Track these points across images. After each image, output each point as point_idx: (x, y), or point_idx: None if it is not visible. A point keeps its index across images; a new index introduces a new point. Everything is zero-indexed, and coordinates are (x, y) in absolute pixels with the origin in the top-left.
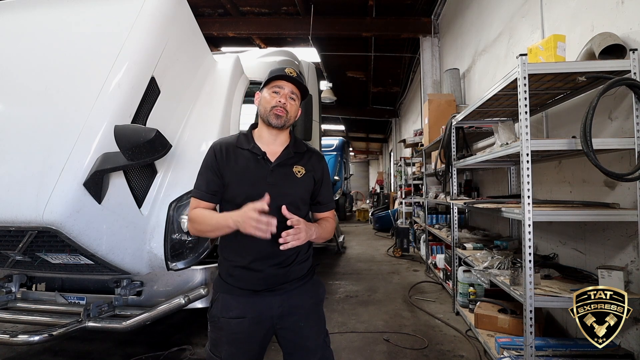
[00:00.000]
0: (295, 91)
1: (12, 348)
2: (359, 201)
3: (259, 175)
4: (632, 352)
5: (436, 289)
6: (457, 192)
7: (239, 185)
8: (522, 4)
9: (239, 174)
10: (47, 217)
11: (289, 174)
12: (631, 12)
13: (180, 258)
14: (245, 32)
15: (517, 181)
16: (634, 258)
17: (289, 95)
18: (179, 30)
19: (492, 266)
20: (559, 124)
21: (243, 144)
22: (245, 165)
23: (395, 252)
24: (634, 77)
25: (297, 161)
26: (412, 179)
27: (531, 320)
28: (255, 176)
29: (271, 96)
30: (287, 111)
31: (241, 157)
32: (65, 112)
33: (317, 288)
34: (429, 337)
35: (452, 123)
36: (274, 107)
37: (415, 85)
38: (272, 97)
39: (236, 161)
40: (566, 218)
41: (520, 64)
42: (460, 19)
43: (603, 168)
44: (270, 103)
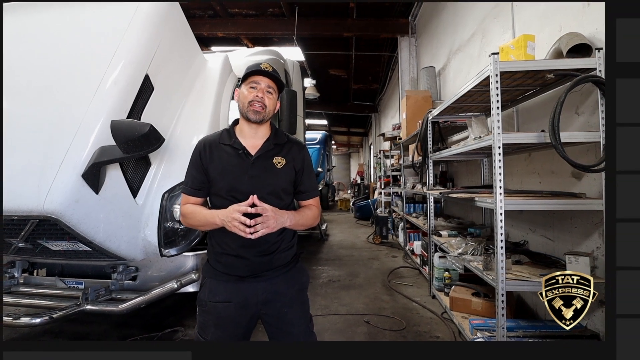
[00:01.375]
0: (272, 85)
1: (15, 329)
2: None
3: (241, 169)
4: (597, 333)
5: (413, 274)
6: (433, 182)
7: (222, 179)
8: (494, 6)
9: (222, 169)
10: (47, 207)
11: (269, 165)
12: (596, 13)
13: (173, 245)
14: (234, 32)
15: (490, 172)
16: (600, 245)
17: (266, 89)
18: (171, 30)
19: (466, 252)
20: (529, 119)
21: (225, 140)
22: (227, 161)
23: (375, 239)
24: (599, 74)
25: (277, 152)
26: (390, 170)
27: (503, 303)
28: (237, 170)
29: (249, 91)
30: (265, 105)
31: (224, 153)
32: (65, 108)
33: (301, 275)
34: (407, 319)
35: (429, 118)
36: (252, 102)
37: (393, 83)
38: (250, 92)
39: (219, 157)
40: (536, 207)
41: (493, 62)
42: (436, 20)
43: (570, 160)
44: (247, 98)
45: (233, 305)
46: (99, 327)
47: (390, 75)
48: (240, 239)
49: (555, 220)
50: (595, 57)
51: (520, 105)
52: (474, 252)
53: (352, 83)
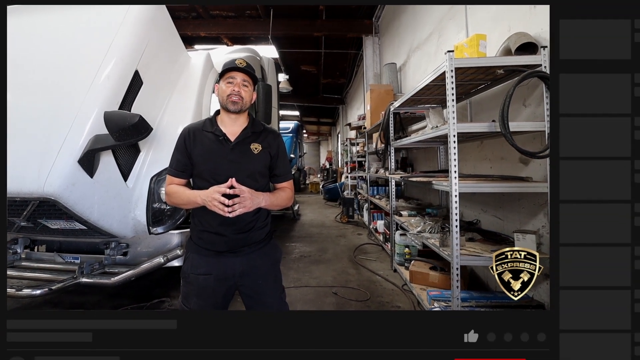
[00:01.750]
0: (246, 79)
1: (17, 300)
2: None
3: (221, 154)
4: (542, 303)
5: (377, 250)
6: (394, 167)
7: (204, 162)
8: (450, 8)
9: (204, 153)
10: (47, 189)
11: (247, 151)
12: (542, 15)
13: (160, 224)
14: (215, 32)
15: (446, 158)
16: (545, 224)
17: (242, 83)
18: (158, 30)
19: (424, 230)
20: (481, 110)
21: (208, 128)
22: (209, 146)
23: (342, 219)
24: (544, 70)
25: (254, 139)
26: (356, 156)
27: (457, 276)
28: (218, 155)
29: (227, 86)
30: (242, 97)
31: (206, 139)
32: (63, 100)
33: (275, 251)
34: (371, 291)
35: (390, 109)
36: (230, 95)
37: (359, 77)
38: (228, 87)
39: (202, 143)
40: (487, 189)
41: (448, 59)
42: (397, 21)
43: (518, 147)
44: (226, 92)
45: (213, 277)
46: (93, 298)
47: (356, 70)
48: (219, 218)
49: (504, 201)
50: (541, 54)
51: (473, 98)
52: (432, 230)
53: (321, 78)
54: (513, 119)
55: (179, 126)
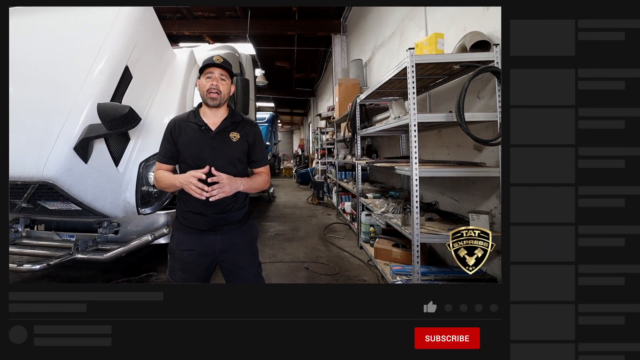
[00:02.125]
0: (224, 73)
1: (19, 274)
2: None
3: (203, 142)
4: (495, 277)
5: (345, 229)
6: (360, 154)
7: (188, 150)
8: (411, 10)
9: (188, 142)
10: (45, 174)
11: (226, 139)
12: (494, 16)
13: (148, 205)
14: (198, 31)
15: (407, 146)
16: (497, 205)
17: (220, 77)
18: (146, 29)
19: (387, 211)
20: (439, 102)
21: (191, 119)
22: (192, 135)
23: (313, 201)
24: (496, 65)
25: (233, 129)
26: (326, 144)
27: (417, 252)
28: (201, 143)
29: (206, 81)
30: (220, 91)
31: (190, 129)
32: (60, 93)
33: (252, 230)
34: (339, 266)
35: (357, 101)
36: (209, 89)
37: (328, 72)
38: (207, 82)
39: (186, 132)
40: (444, 174)
41: (409, 56)
42: (363, 21)
43: (473, 136)
44: (205, 87)
45: (196, 253)
46: (87, 272)
47: (326, 66)
48: (201, 200)
49: (460, 184)
50: (493, 51)
51: (432, 91)
52: (394, 211)
53: (294, 72)
54: (468, 110)
55: (165, 117)
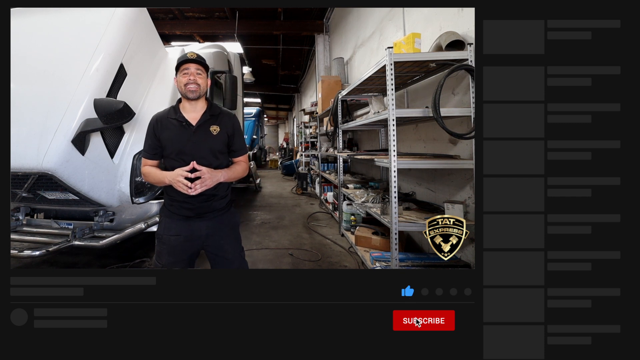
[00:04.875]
0: (199, 67)
1: (19, 260)
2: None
3: (185, 137)
4: (469, 263)
5: (327, 218)
6: (342, 147)
7: (171, 145)
8: (389, 11)
9: (171, 137)
10: (45, 165)
11: (207, 132)
12: (468, 17)
13: (142, 195)
14: (189, 31)
15: (386, 139)
16: (470, 195)
17: (196, 72)
18: (140, 29)
19: (367, 201)
20: (416, 98)
21: (172, 115)
22: (174, 131)
23: (297, 191)
24: (470, 63)
25: (213, 122)
26: (309, 137)
27: (396, 240)
28: (182, 138)
29: (183, 76)
30: (198, 84)
31: (171, 125)
32: (59, 89)
33: (234, 217)
34: (322, 252)
35: (339, 97)
36: (187, 84)
37: (312, 70)
38: (184, 77)
39: (168, 128)
40: (421, 166)
41: (388, 55)
42: (345, 21)
43: (448, 130)
44: (183, 82)
45: (182, 238)
46: (84, 258)
47: (309, 64)
48: None
49: (436, 176)
50: (467, 50)
51: (409, 87)
52: (374, 200)
53: (279, 70)
54: (444, 106)
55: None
